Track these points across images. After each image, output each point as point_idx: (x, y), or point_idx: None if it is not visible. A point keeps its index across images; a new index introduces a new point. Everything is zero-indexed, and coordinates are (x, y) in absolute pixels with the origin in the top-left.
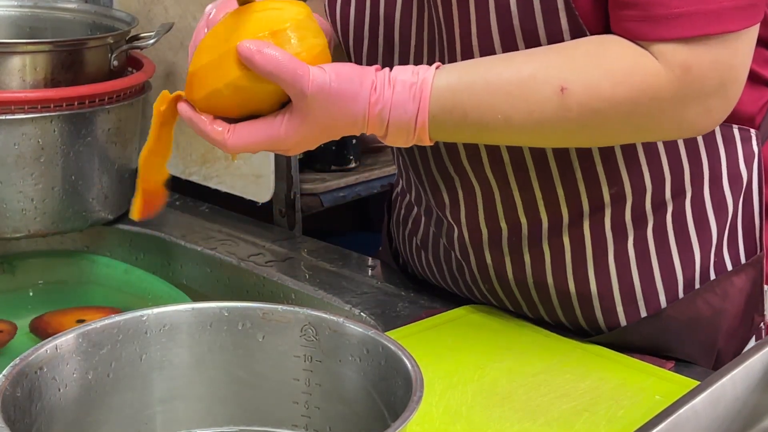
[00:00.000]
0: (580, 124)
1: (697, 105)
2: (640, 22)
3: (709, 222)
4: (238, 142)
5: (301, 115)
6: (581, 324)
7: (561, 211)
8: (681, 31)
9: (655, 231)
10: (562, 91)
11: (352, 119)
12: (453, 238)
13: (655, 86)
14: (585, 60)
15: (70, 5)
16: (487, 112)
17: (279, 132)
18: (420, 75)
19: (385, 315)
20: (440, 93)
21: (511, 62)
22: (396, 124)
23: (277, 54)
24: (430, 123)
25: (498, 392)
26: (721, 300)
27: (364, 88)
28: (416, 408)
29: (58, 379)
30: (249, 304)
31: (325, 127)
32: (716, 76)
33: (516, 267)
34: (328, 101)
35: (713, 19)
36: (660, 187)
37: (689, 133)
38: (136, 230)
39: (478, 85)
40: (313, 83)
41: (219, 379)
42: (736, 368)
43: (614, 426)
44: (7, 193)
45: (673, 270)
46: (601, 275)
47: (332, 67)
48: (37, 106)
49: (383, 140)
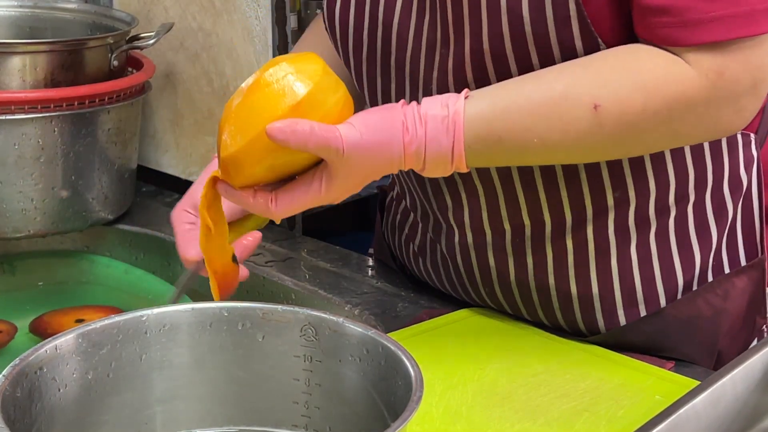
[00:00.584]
0: (616, 139)
1: (730, 106)
2: (673, 28)
3: (710, 226)
4: (284, 209)
5: (339, 174)
6: (580, 326)
7: (565, 213)
8: (715, 34)
9: (657, 235)
10: (596, 108)
11: (389, 163)
12: (454, 242)
13: (688, 93)
14: (615, 74)
15: (70, 5)
16: (522, 135)
17: (320, 193)
18: (450, 107)
19: (385, 315)
20: (473, 123)
21: (540, 82)
22: (433, 160)
23: (307, 127)
24: (466, 153)
25: (498, 392)
26: (721, 300)
27: (395, 132)
28: (416, 408)
29: (58, 380)
30: (249, 304)
31: (364, 177)
32: (749, 77)
33: (519, 268)
34: (363, 156)
35: (746, 22)
36: (664, 192)
37: (723, 133)
38: (136, 230)
39: (510, 110)
40: (346, 144)
41: (219, 379)
42: (736, 368)
43: (614, 426)
44: (7, 193)
45: (673, 272)
46: (603, 277)
47: (361, 121)
48: (37, 106)
49: (422, 173)
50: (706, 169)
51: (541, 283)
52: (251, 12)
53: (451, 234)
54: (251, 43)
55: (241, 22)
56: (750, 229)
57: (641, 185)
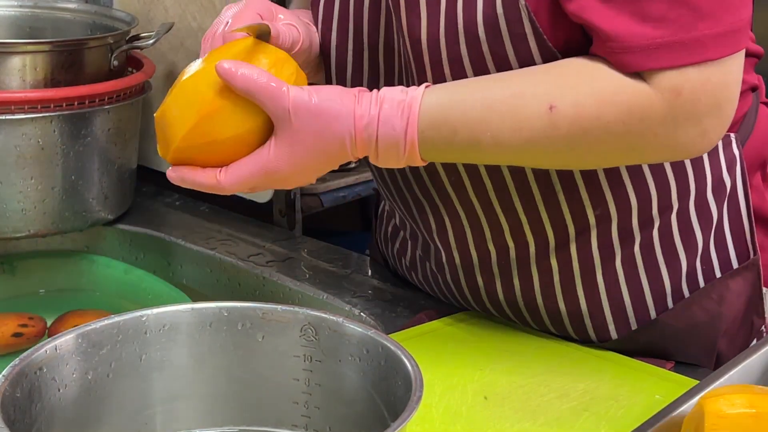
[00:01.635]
0: (570, 144)
1: (691, 127)
2: (620, 54)
3: (695, 231)
4: (232, 180)
5: (287, 137)
6: (573, 339)
7: (547, 234)
8: (662, 61)
9: (642, 247)
10: (551, 109)
11: (339, 137)
12: (442, 262)
13: (644, 107)
14: (574, 79)
15: (70, 5)
16: (477, 128)
17: (269, 159)
18: (409, 93)
19: (385, 315)
20: (429, 109)
21: (500, 80)
22: (385, 141)
23: (255, 72)
24: (419, 140)
25: (498, 392)
26: (717, 304)
27: (346, 104)
28: (416, 408)
29: (58, 380)
30: (249, 305)
31: (314, 149)
32: (710, 97)
33: (506, 289)
34: (310, 118)
35: (694, 49)
36: (647, 205)
37: (685, 155)
38: (136, 230)
39: (467, 102)
40: (293, 100)
41: (219, 379)
42: (734, 368)
43: (614, 426)
44: (7, 193)
45: (661, 282)
46: (591, 294)
47: (314, 88)
48: (37, 106)
49: (375, 162)
50: (688, 177)
51: (530, 302)
52: None
53: (439, 254)
54: None
55: None
56: (738, 230)
57: (622, 201)
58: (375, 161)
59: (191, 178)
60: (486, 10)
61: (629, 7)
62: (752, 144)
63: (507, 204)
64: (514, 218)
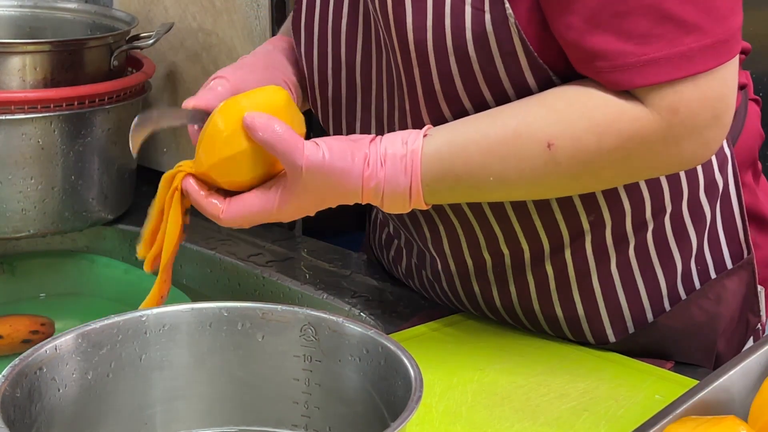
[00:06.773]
0: (573, 175)
1: (691, 141)
2: (611, 72)
3: (689, 232)
4: (234, 216)
5: (295, 189)
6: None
7: (541, 240)
8: (651, 78)
9: (637, 250)
10: (549, 147)
11: (346, 193)
12: (438, 270)
13: (643, 132)
14: (569, 111)
15: (70, 5)
16: (479, 174)
17: (274, 204)
18: (409, 145)
19: (384, 315)
20: (431, 162)
21: (495, 119)
22: (391, 198)
23: (282, 128)
24: (424, 191)
25: (498, 392)
26: (715, 304)
27: (356, 164)
28: (416, 408)
29: (58, 380)
30: (248, 304)
31: (320, 200)
32: (708, 111)
33: (503, 295)
34: (321, 176)
35: (682, 63)
36: (640, 209)
37: (688, 165)
38: (136, 230)
39: (467, 148)
40: (307, 158)
41: (219, 379)
42: (734, 368)
43: (614, 426)
44: (7, 193)
45: (657, 284)
46: (587, 299)
47: (325, 142)
48: (37, 106)
49: (381, 208)
50: (680, 179)
51: (527, 308)
52: (251, 12)
53: (434, 262)
54: (251, 43)
55: (241, 22)
56: (732, 229)
57: (615, 206)
58: (381, 208)
59: (196, 199)
60: (475, 27)
61: (613, 27)
62: (742, 142)
63: (500, 213)
64: (508, 226)
